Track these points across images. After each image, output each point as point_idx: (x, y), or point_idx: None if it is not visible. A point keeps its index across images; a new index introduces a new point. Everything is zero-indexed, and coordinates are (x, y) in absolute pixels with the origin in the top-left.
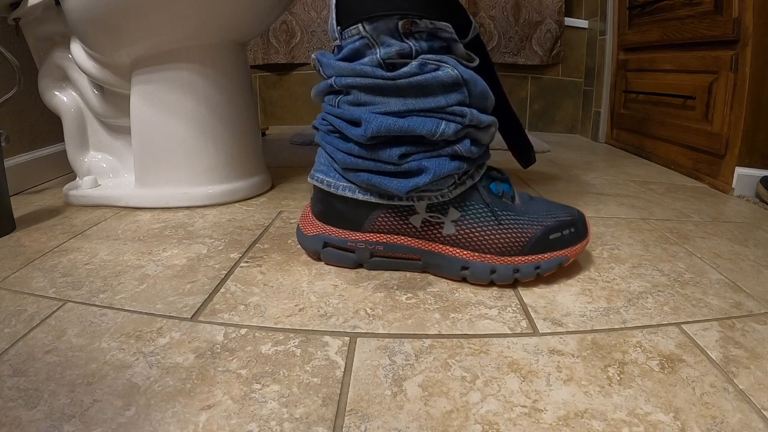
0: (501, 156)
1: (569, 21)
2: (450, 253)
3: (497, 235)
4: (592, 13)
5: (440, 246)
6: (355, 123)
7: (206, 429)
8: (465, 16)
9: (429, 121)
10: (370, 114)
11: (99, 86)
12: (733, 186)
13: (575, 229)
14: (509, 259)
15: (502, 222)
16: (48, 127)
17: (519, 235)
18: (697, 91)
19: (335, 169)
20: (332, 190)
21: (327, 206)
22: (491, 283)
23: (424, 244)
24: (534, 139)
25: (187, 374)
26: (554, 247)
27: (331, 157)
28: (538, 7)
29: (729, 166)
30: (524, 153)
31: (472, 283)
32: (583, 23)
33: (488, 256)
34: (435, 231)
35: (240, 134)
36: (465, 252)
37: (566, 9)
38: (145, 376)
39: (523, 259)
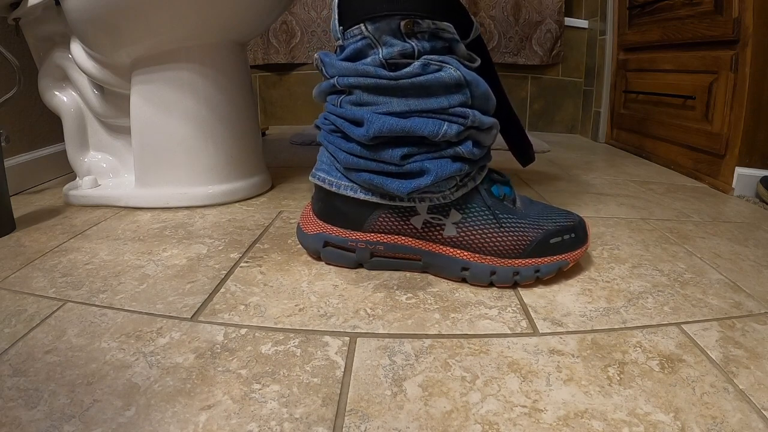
0: (501, 156)
1: (569, 21)
2: (450, 254)
3: (498, 238)
4: (592, 13)
5: (441, 247)
6: (358, 123)
7: (206, 429)
8: (467, 17)
9: (431, 122)
10: (372, 114)
11: (99, 86)
12: (733, 186)
13: (575, 234)
14: (509, 261)
15: (503, 225)
16: (48, 127)
17: (520, 238)
18: (697, 91)
19: (337, 169)
20: (334, 189)
21: (328, 205)
22: (491, 285)
23: (424, 244)
24: (534, 139)
25: (187, 374)
26: (554, 251)
27: (333, 157)
28: (538, 7)
29: (729, 166)
30: (523, 152)
31: (472, 284)
32: (583, 23)
33: (488, 257)
34: (436, 232)
35: (240, 134)
36: (465, 253)
37: (566, 9)
38: (145, 376)
39: (523, 262)
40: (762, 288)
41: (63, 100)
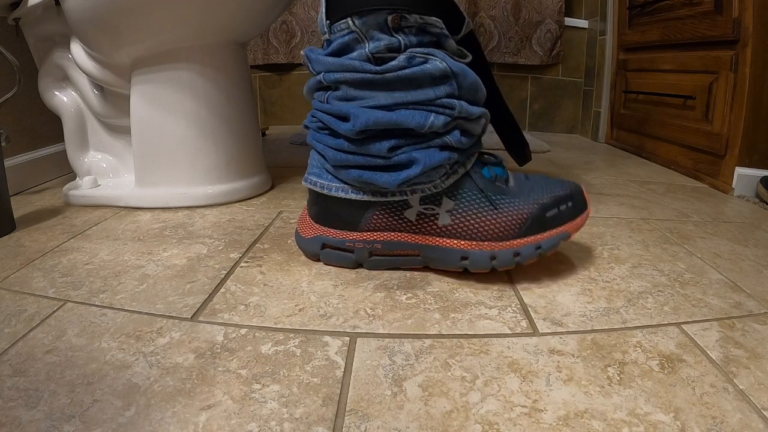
0: (500, 156)
1: (569, 21)
2: (448, 245)
3: (493, 220)
4: (592, 13)
5: (437, 239)
6: (344, 118)
7: (206, 429)
8: (457, 12)
9: (418, 113)
10: (358, 108)
11: (99, 86)
12: (733, 186)
13: (573, 202)
14: (508, 243)
15: (497, 206)
16: (48, 127)
17: (515, 217)
18: (697, 91)
19: (327, 170)
20: (326, 191)
21: (322, 208)
22: (493, 270)
23: (421, 238)
24: (534, 139)
25: (187, 374)
26: (553, 224)
27: (322, 156)
28: (538, 7)
29: (729, 166)
30: (519, 150)
31: (473, 273)
32: (583, 23)
33: (486, 243)
34: (430, 223)
35: (240, 134)
36: (463, 242)
37: (566, 9)
38: (145, 376)
39: (522, 241)
40: (762, 288)
41: (63, 100)
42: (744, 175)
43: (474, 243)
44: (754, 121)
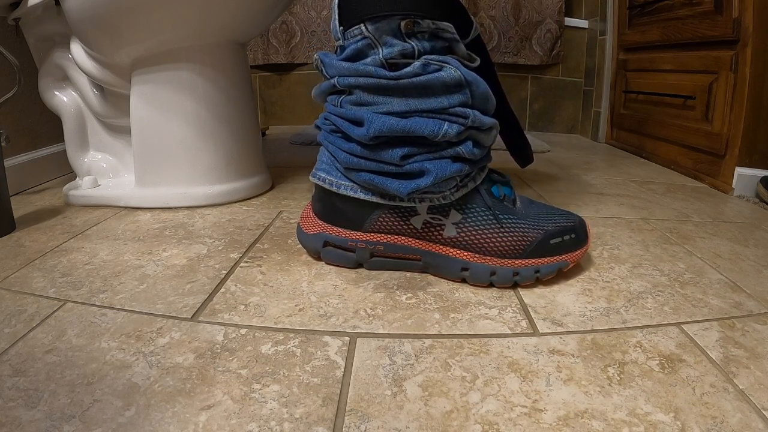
0: (500, 156)
1: (569, 21)
2: (450, 254)
3: (498, 238)
4: (592, 13)
5: (441, 247)
6: (358, 123)
7: (206, 429)
8: (466, 17)
9: (431, 122)
10: (372, 114)
11: (99, 86)
12: (733, 186)
13: (576, 234)
14: (509, 261)
15: (504, 225)
16: (48, 127)
17: (520, 238)
18: (697, 91)
19: (337, 169)
20: (334, 189)
21: (328, 205)
22: (491, 285)
23: (424, 244)
24: (534, 139)
25: (187, 374)
26: (554, 251)
27: (334, 157)
28: (538, 7)
29: (729, 166)
30: (522, 152)
31: (471, 284)
32: (583, 23)
33: (488, 258)
34: (436, 232)
35: (240, 134)
36: (465, 253)
37: (566, 9)
38: (145, 376)
39: (523, 262)
40: (762, 288)
41: (63, 100)
42: (744, 175)
43: (477, 256)
44: (754, 121)
